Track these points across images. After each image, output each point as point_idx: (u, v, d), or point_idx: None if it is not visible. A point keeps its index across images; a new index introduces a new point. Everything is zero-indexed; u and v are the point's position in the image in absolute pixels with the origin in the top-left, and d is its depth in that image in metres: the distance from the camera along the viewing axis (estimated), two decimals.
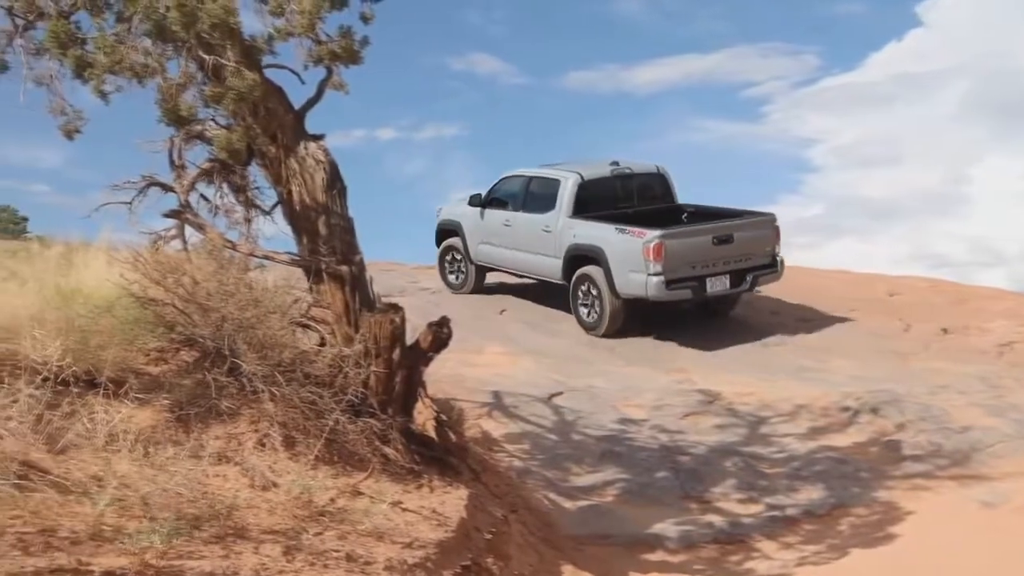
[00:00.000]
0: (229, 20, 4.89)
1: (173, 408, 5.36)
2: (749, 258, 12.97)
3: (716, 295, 12.92)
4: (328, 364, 5.90)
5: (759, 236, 13.14)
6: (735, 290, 13.08)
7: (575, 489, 8.29)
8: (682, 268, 12.39)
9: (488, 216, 14.54)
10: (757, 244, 13.07)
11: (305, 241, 6.31)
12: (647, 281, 12.21)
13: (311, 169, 6.23)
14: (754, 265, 13.00)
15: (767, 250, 13.13)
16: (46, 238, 22.93)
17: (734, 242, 12.83)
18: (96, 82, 5.42)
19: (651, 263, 12.16)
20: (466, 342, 12.59)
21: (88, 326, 5.83)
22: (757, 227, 13.27)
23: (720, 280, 12.69)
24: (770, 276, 13.22)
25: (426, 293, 16.08)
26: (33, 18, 5.71)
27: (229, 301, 5.87)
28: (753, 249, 13.00)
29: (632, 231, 12.48)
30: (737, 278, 12.85)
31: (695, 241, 12.60)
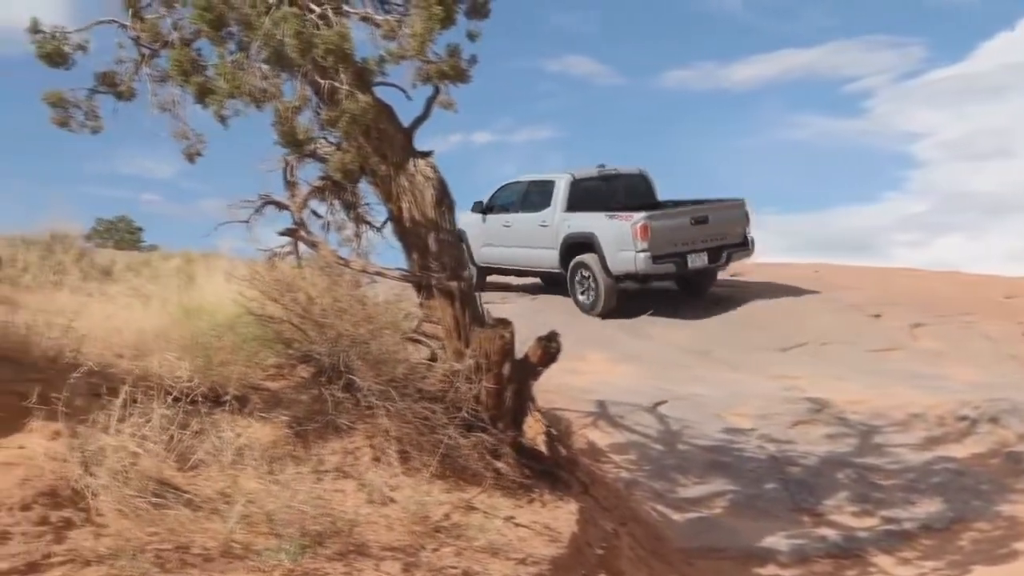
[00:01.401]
0: (344, 46, 4.98)
1: (292, 424, 5.49)
2: (724, 237, 15.01)
3: (696, 269, 14.90)
4: (440, 379, 5.97)
5: (732, 217, 15.20)
6: (712, 265, 15.01)
7: (683, 501, 8.22)
8: (666, 245, 14.36)
9: (489, 220, 16.35)
10: (730, 225, 15.12)
11: (415, 257, 6.40)
12: (635, 257, 14.19)
13: (420, 186, 6.31)
14: (729, 243, 15.03)
15: (739, 231, 15.20)
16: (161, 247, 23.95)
17: (709, 223, 14.84)
18: (217, 107, 5.59)
19: (639, 241, 14.13)
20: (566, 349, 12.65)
21: (211, 343, 6.03)
22: (729, 209, 15.31)
23: (699, 256, 14.69)
24: (743, 253, 15.36)
25: (525, 299, 16.19)
26: (158, 47, 5.95)
27: (343, 317, 6.00)
28: (727, 229, 15.04)
29: (621, 216, 14.55)
30: (714, 255, 14.86)
31: (675, 222, 14.64)
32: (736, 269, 20.56)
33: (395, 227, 6.52)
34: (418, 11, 5.16)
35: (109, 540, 3.74)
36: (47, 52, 5.80)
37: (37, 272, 10.40)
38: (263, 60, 5.30)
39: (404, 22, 5.30)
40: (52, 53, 5.81)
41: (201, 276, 10.35)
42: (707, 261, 14.81)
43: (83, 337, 5.96)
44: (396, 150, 6.27)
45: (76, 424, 4.36)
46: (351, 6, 5.61)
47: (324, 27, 5.10)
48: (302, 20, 4.92)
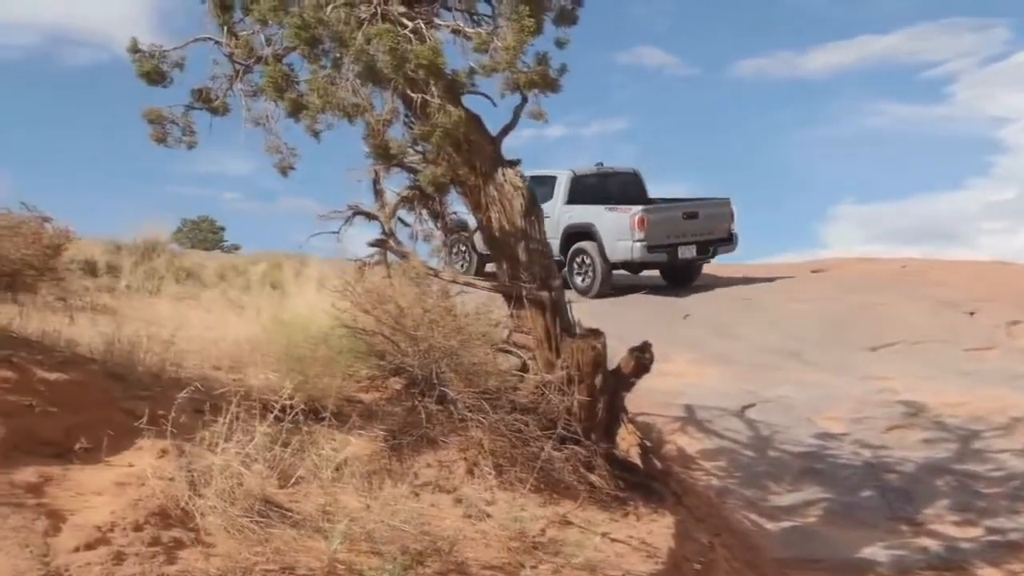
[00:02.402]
0: (437, 61, 4.98)
1: (387, 437, 5.52)
2: (711, 232, 16.46)
3: (685, 260, 16.34)
4: (532, 391, 5.95)
5: (718, 214, 16.63)
6: (700, 257, 16.56)
7: (776, 509, 8.05)
8: (659, 237, 15.74)
9: None
10: (717, 221, 16.54)
11: (505, 267, 6.39)
12: (632, 247, 15.60)
13: (509, 195, 6.29)
14: (715, 239, 16.50)
15: (725, 227, 16.62)
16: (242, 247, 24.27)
17: (699, 218, 16.34)
18: (310, 122, 5.64)
19: (636, 232, 15.55)
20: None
21: (305, 355, 6.09)
22: (717, 207, 16.74)
23: (689, 248, 16.15)
24: (727, 248, 16.79)
25: (608, 299, 16.08)
26: (251, 63, 6.03)
27: (435, 328, 6.01)
28: (714, 225, 16.50)
29: (620, 208, 15.97)
30: (702, 248, 16.36)
31: (669, 216, 16.12)
32: (819, 265, 20.21)
33: (484, 237, 6.51)
34: (510, 23, 5.12)
35: (218, 560, 3.79)
36: (146, 71, 5.94)
37: (132, 278, 10.67)
38: (355, 75, 5.33)
39: (496, 34, 5.26)
40: (151, 72, 5.94)
41: (290, 282, 10.52)
42: (695, 253, 16.34)
43: (183, 351, 6.10)
44: (484, 160, 6.26)
45: (182, 442, 4.43)
46: (441, 19, 5.62)
47: (417, 42, 5.09)
48: (395, 36, 4.91)
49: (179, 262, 11.78)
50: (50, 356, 4.63)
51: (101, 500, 3.89)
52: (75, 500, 3.87)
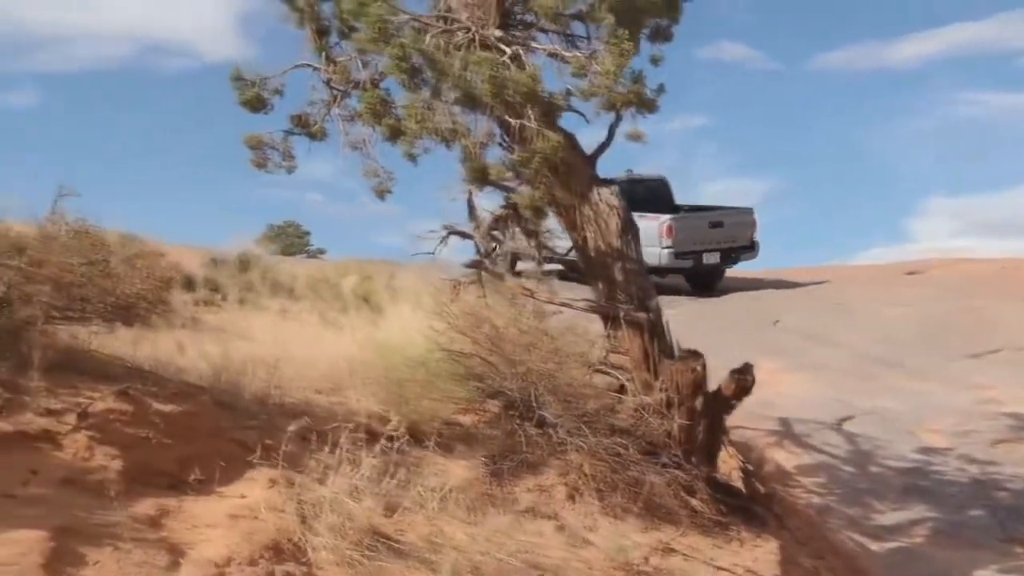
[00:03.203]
0: (536, 88, 4.96)
1: (487, 462, 5.53)
2: (735, 240, 17.07)
3: (709, 266, 16.92)
4: (630, 413, 5.89)
5: (742, 223, 17.25)
6: (724, 265, 17.25)
7: (880, 528, 7.81)
8: (686, 244, 16.32)
9: None
10: (740, 230, 17.15)
11: (601, 287, 6.34)
12: (660, 253, 15.90)
13: (605, 215, 6.25)
14: (738, 246, 17.12)
15: (748, 235, 17.25)
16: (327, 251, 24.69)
17: (724, 227, 16.95)
18: (407, 147, 5.68)
19: (664, 239, 16.05)
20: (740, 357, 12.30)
21: (404, 378, 6.14)
22: (740, 216, 17.37)
23: (713, 255, 16.80)
24: (749, 255, 17.42)
25: (693, 303, 15.90)
26: (348, 88, 6.09)
27: (532, 351, 6.00)
28: (738, 233, 17.08)
29: (649, 216, 15.48)
30: (725, 256, 17.01)
31: (695, 224, 16.72)
32: (913, 266, 19.66)
33: (580, 257, 6.47)
34: (608, 47, 5.06)
35: None
36: (248, 99, 6.05)
37: (228, 292, 10.92)
38: (453, 101, 5.34)
39: (593, 58, 5.21)
40: (252, 100, 6.04)
41: (382, 295, 10.65)
42: (719, 261, 16.98)
43: (284, 374, 6.20)
44: (579, 179, 6.23)
45: (291, 471, 4.49)
46: (537, 42, 5.60)
47: (515, 68, 5.08)
48: (495, 64, 4.91)
49: (272, 275, 12.00)
50: (163, 387, 4.73)
51: (216, 533, 3.96)
52: (191, 533, 3.96)
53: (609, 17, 5.05)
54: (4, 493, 3.77)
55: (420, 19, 5.34)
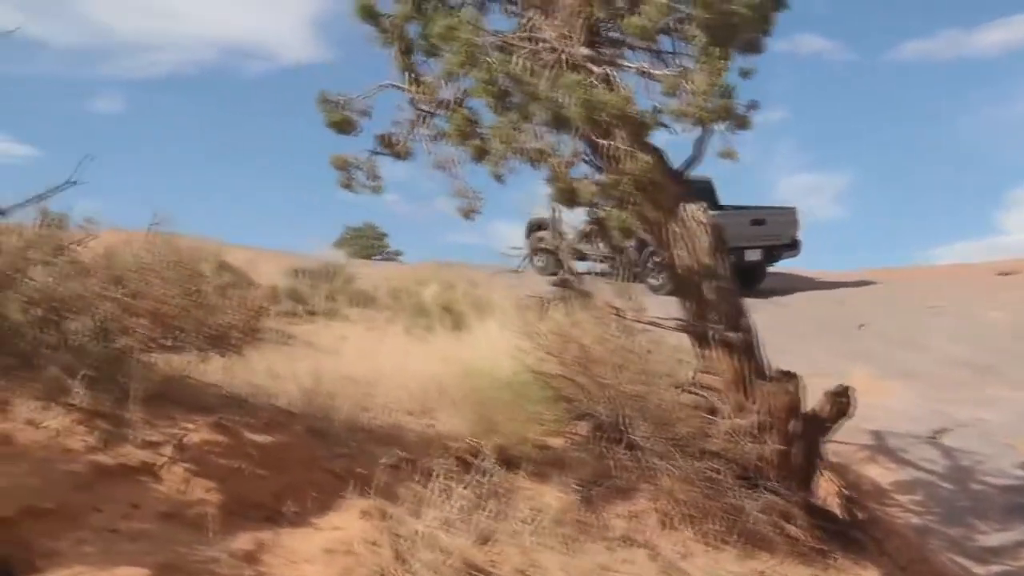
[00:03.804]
0: (628, 110, 4.85)
1: (578, 486, 5.45)
2: (777, 238, 17.24)
3: (751, 263, 16.84)
4: (722, 437, 5.75)
5: (784, 221, 17.48)
6: (766, 262, 17.43)
7: (984, 551, 7.51)
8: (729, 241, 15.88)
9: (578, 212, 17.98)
10: (783, 228, 17.39)
11: (690, 306, 6.20)
12: None
13: (694, 232, 6.11)
14: (780, 244, 17.31)
15: (790, 233, 17.47)
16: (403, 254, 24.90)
17: (766, 225, 17.07)
18: (493, 167, 5.63)
19: None
20: (823, 364, 11.98)
21: (492, 399, 6.09)
22: (783, 215, 17.56)
23: (755, 252, 16.96)
24: (791, 253, 17.61)
25: (772, 306, 15.57)
26: (434, 108, 6.06)
27: (621, 372, 5.89)
28: (779, 231, 17.29)
29: None
30: (767, 253, 17.23)
31: (737, 221, 16.35)
32: (1007, 266, 18.97)
33: (669, 274, 6.34)
34: (700, 65, 4.93)
35: None
36: (335, 121, 6.06)
37: (311, 302, 11.03)
38: (541, 122, 5.27)
39: (684, 76, 5.08)
40: (340, 122, 6.06)
41: (462, 305, 10.64)
42: (760, 257, 17.20)
43: (373, 395, 6.21)
44: (667, 195, 6.09)
45: (384, 502, 4.48)
46: (626, 60, 5.49)
47: (605, 88, 4.98)
48: (586, 87, 4.81)
49: (354, 285, 12.10)
50: (256, 415, 4.77)
51: (313, 569, 3.96)
52: (288, 569, 3.96)
53: (701, 36, 4.91)
54: (108, 528, 3.82)
55: (507, 41, 5.27)
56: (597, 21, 5.59)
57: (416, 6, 6.00)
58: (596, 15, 5.45)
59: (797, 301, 16.73)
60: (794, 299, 16.88)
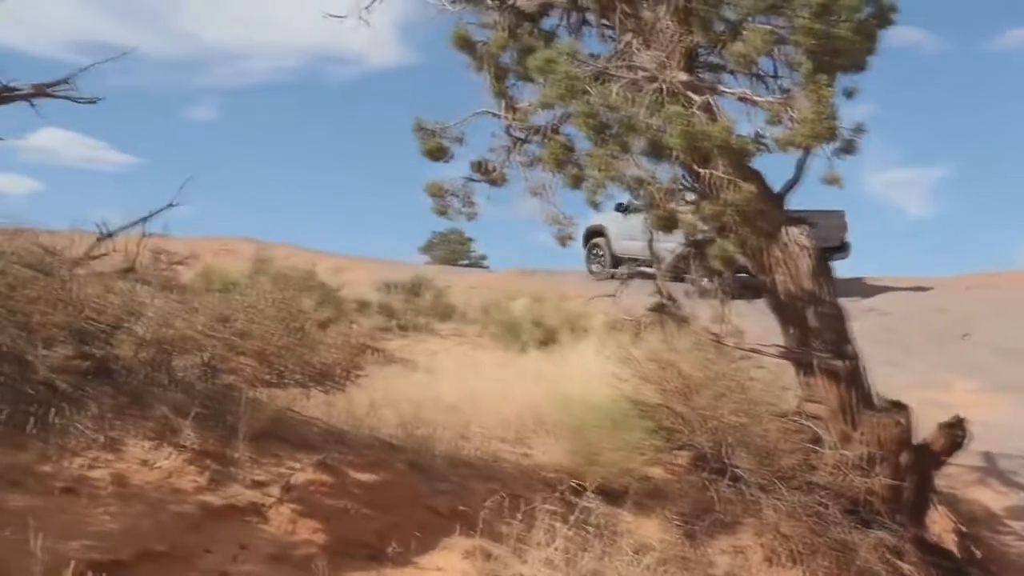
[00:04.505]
0: (730, 141, 4.74)
1: (680, 520, 5.35)
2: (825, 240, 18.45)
3: None
4: (829, 469, 5.58)
5: (832, 224, 16.86)
6: None
7: None
8: None
9: (630, 218, 16.60)
10: (831, 231, 16.71)
11: (792, 331, 6.04)
12: None
13: (795, 256, 5.96)
14: (829, 247, 16.19)
15: (838, 236, 17.16)
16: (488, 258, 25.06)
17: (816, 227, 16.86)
18: (590, 194, 5.57)
19: None
20: (926, 375, 11.60)
21: (588, 424, 6.03)
22: (832, 218, 16.91)
23: None
24: (841, 255, 17.08)
25: (873, 315, 15.14)
26: (528, 134, 6.03)
27: (721, 401, 5.77)
28: (828, 234, 16.26)
29: None
30: None
31: None
32: None
33: (769, 299, 6.19)
34: (805, 92, 4.78)
35: None
36: (430, 149, 6.07)
37: (402, 317, 11.12)
38: (640, 151, 5.19)
39: (788, 103, 4.94)
40: (434, 150, 6.07)
41: (552, 316, 10.59)
42: None
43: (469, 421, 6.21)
44: (768, 219, 5.93)
45: (486, 541, 4.46)
46: (725, 85, 5.37)
47: (707, 118, 4.87)
48: (686, 118, 4.71)
49: (443, 299, 12.16)
50: (358, 452, 4.79)
51: None
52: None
53: (806, 62, 4.76)
54: (218, 570, 3.88)
55: (606, 70, 5.20)
56: (695, 45, 5.48)
57: (511, 33, 5.97)
58: (695, 40, 5.34)
59: (895, 308, 16.22)
60: (892, 306, 16.37)
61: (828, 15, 4.72)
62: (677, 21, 5.28)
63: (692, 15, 5.22)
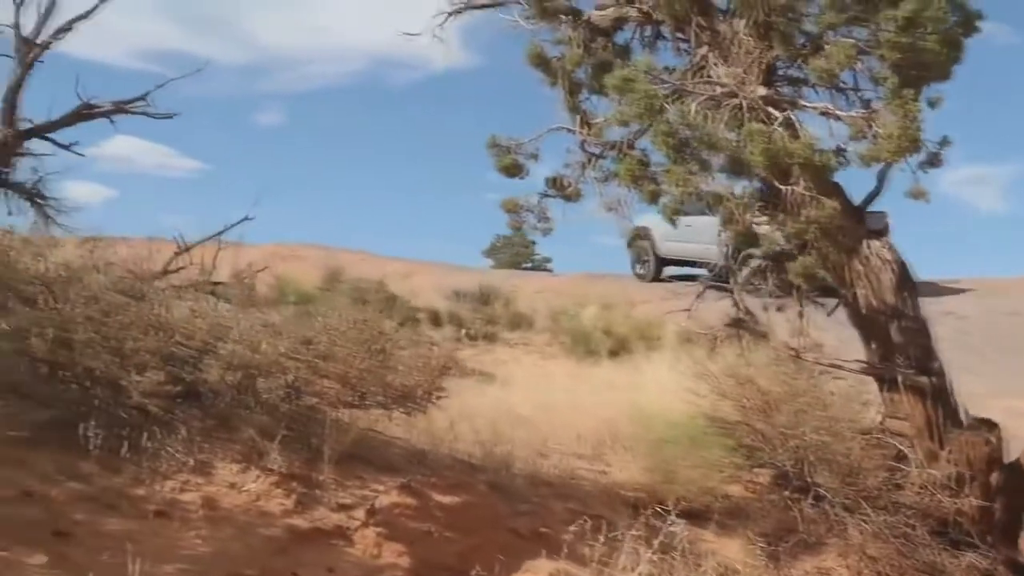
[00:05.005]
0: (813, 158, 4.65)
1: (763, 541, 5.28)
2: None
3: None
4: (916, 489, 5.45)
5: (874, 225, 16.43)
6: None
7: None
8: None
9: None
10: None
11: (874, 347, 5.91)
12: None
13: (877, 269, 5.82)
14: None
15: None
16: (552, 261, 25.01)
17: None
18: (668, 211, 5.52)
19: None
20: (1005, 383, 11.27)
21: (663, 438, 5.98)
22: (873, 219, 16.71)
23: None
24: None
25: (951, 318, 14.77)
26: (604, 150, 6.00)
27: (802, 417, 5.67)
28: None
29: None
30: None
31: None
32: None
33: (850, 314, 6.06)
34: (891, 108, 4.67)
35: None
36: (505, 165, 6.08)
37: (472, 327, 11.16)
38: (719, 169, 5.13)
39: (872, 119, 4.83)
40: (510, 166, 6.07)
41: (619, 324, 10.54)
42: None
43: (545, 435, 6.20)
44: (848, 233, 5.82)
45: (569, 564, 4.44)
46: (806, 99, 5.29)
47: (788, 134, 4.79)
48: (767, 135, 4.64)
49: (512, 307, 12.17)
50: (440, 473, 4.82)
51: None
52: None
53: (892, 77, 4.66)
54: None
55: (683, 87, 5.15)
56: (774, 59, 5.39)
57: (585, 48, 5.94)
58: (775, 54, 5.26)
59: (969, 311, 15.81)
60: (966, 309, 15.97)
61: (914, 28, 4.61)
62: (756, 36, 5.19)
63: (772, 29, 5.14)
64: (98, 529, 3.80)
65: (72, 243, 7.05)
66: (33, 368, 4.45)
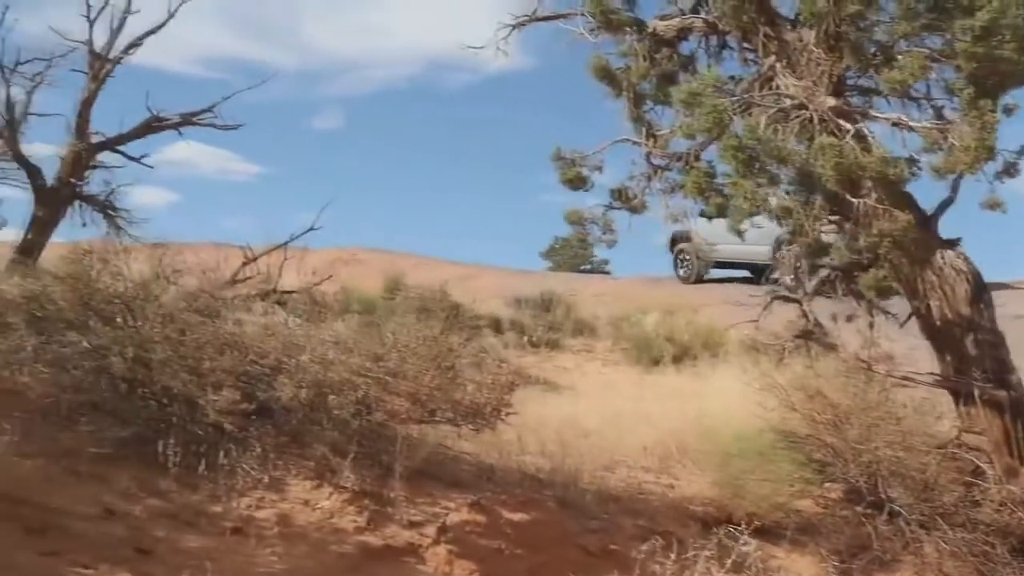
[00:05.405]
0: (887, 172, 4.57)
1: (835, 558, 5.20)
2: None
3: None
4: (995, 506, 5.32)
5: None
6: None
7: None
8: None
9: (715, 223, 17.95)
10: None
11: (949, 359, 5.78)
12: None
13: (951, 280, 5.68)
14: None
15: None
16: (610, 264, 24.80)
17: None
18: (735, 224, 5.47)
19: None
20: None
21: (731, 452, 5.93)
22: None
23: None
24: None
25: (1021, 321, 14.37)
26: (669, 162, 5.96)
27: (875, 432, 5.58)
28: None
29: None
30: None
31: None
32: None
33: (922, 325, 5.94)
34: (967, 119, 4.56)
35: None
36: (569, 178, 6.07)
37: (534, 334, 11.17)
38: (789, 182, 5.07)
39: (947, 130, 4.72)
40: (574, 179, 6.06)
41: (682, 331, 10.46)
42: None
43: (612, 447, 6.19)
44: (920, 243, 5.70)
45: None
46: (877, 110, 5.19)
47: (859, 147, 4.71)
48: (839, 149, 4.57)
49: (574, 313, 12.15)
50: (508, 490, 4.83)
51: None
52: None
53: (969, 88, 4.55)
54: None
55: (751, 99, 5.09)
56: (844, 69, 5.29)
57: (650, 59, 5.91)
58: (845, 65, 5.16)
59: None
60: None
61: (991, 36, 4.50)
62: (826, 46, 5.11)
63: (842, 39, 5.05)
64: (178, 547, 3.88)
65: (142, 251, 7.19)
66: (113, 386, 4.57)
